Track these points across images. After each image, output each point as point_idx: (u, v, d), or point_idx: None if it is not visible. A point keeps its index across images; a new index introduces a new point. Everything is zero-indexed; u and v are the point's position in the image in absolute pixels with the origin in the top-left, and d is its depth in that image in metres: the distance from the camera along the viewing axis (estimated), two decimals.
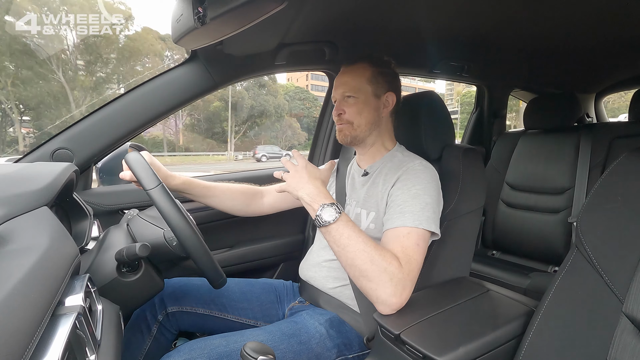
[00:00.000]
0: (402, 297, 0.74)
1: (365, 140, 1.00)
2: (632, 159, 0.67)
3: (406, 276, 0.75)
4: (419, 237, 0.81)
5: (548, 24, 1.20)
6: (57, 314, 0.45)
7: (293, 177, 0.84)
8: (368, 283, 0.74)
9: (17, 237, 0.48)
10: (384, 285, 0.73)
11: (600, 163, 1.62)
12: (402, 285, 0.74)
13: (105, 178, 1.17)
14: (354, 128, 0.97)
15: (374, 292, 0.74)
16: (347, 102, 0.96)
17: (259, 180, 1.33)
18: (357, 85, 0.96)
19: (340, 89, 0.98)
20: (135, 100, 1.12)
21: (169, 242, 0.80)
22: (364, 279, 0.74)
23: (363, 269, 0.73)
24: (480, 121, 2.24)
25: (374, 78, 0.97)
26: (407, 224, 0.81)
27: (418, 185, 0.86)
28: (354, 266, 0.75)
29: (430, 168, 0.92)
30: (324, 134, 1.62)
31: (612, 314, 0.58)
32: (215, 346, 0.76)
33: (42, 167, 0.76)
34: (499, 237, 1.87)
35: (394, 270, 0.73)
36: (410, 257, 0.77)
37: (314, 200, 0.79)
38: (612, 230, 0.63)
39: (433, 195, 0.86)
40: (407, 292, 0.76)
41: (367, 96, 0.96)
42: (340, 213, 0.77)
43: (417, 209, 0.83)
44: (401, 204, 0.85)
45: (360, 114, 0.96)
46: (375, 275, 0.73)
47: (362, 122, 0.96)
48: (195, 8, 0.78)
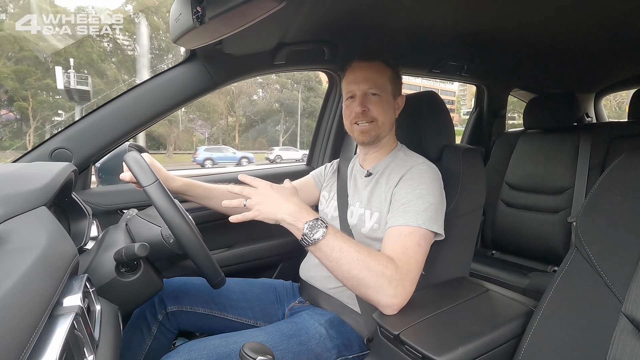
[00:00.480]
0: (402, 297, 0.74)
1: (382, 141, 1.00)
2: (632, 158, 0.67)
3: (404, 276, 0.74)
4: (420, 237, 0.80)
5: (547, 24, 1.20)
6: (55, 314, 0.45)
7: (265, 203, 0.75)
8: (367, 290, 0.73)
9: (15, 236, 0.48)
10: (383, 289, 0.72)
11: (599, 163, 1.62)
12: (401, 286, 0.74)
13: (104, 178, 1.17)
14: (379, 126, 0.95)
15: (375, 297, 0.73)
16: (371, 99, 0.94)
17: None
18: (383, 84, 0.94)
19: (364, 84, 0.94)
20: (134, 99, 1.12)
21: (166, 239, 0.80)
22: (362, 287, 0.73)
23: (360, 277, 0.72)
24: (480, 121, 2.24)
25: (393, 79, 0.97)
26: (410, 223, 0.81)
27: (422, 185, 0.86)
28: (351, 277, 0.73)
29: (434, 168, 0.92)
30: (323, 133, 1.62)
31: (611, 314, 0.58)
32: (215, 346, 0.76)
33: (40, 166, 0.76)
34: (499, 237, 1.87)
35: (391, 273, 0.73)
36: (410, 257, 0.77)
37: (297, 219, 0.73)
38: (612, 230, 0.63)
39: (436, 196, 0.86)
40: (408, 292, 0.75)
41: (389, 96, 0.96)
42: (327, 227, 0.74)
43: (421, 209, 0.82)
44: (405, 203, 0.84)
45: (385, 112, 0.95)
46: (373, 281, 0.72)
47: (386, 121, 0.95)
48: (194, 7, 0.78)
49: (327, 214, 1.06)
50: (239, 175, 0.85)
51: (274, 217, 0.74)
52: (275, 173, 1.52)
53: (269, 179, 1.24)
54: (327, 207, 1.08)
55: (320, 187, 1.18)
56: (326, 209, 1.08)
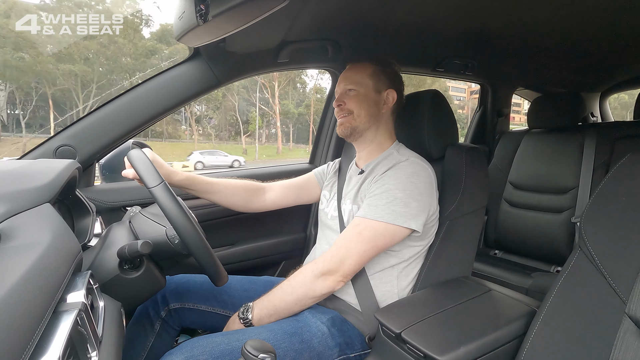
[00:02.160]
0: (328, 280, 0.86)
1: (364, 135, 1.01)
2: (637, 159, 0.67)
3: (328, 262, 0.86)
4: (366, 227, 0.86)
5: (553, 22, 1.19)
6: (58, 310, 0.45)
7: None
8: (307, 300, 0.88)
9: (20, 233, 0.48)
10: (314, 286, 0.86)
11: (604, 163, 1.61)
12: (328, 271, 0.85)
13: (108, 175, 1.18)
14: (354, 118, 0.98)
15: (312, 298, 0.88)
16: (348, 94, 1.00)
17: (261, 177, 1.33)
18: (359, 79, 0.99)
19: (342, 83, 1.01)
20: (138, 97, 1.13)
21: (170, 239, 0.81)
22: (303, 301, 0.88)
23: (299, 299, 0.87)
24: (484, 120, 2.23)
25: (375, 74, 1.00)
26: (359, 214, 0.89)
27: (394, 181, 0.88)
28: (295, 306, 0.88)
29: (419, 164, 0.92)
30: (326, 133, 1.62)
31: (615, 315, 0.58)
32: (217, 344, 0.76)
33: (45, 163, 0.76)
34: (502, 237, 1.87)
35: (308, 274, 0.87)
36: (346, 245, 0.86)
37: (234, 322, 0.90)
38: (616, 230, 0.63)
39: (408, 190, 0.87)
40: (336, 277, 0.86)
41: (368, 90, 0.99)
42: (249, 310, 0.89)
43: (382, 203, 0.86)
44: (371, 196, 0.90)
45: (360, 104, 0.98)
46: (303, 291, 0.87)
47: (361, 112, 0.98)
48: (198, 5, 0.78)
49: (328, 214, 1.06)
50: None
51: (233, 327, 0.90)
52: (277, 172, 1.52)
53: (271, 178, 1.25)
54: (327, 207, 1.08)
55: (322, 185, 1.18)
56: (327, 208, 1.08)
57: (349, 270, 0.86)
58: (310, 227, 1.52)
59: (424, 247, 0.95)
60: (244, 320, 0.88)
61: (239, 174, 1.43)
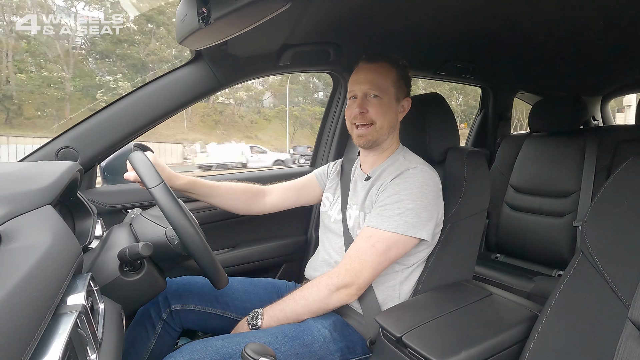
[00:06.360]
0: (343, 293, 0.85)
1: (382, 145, 0.99)
2: (639, 163, 0.66)
3: (343, 276, 0.85)
4: (379, 239, 0.85)
5: (554, 26, 1.19)
6: (58, 312, 0.45)
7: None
8: (320, 312, 0.88)
9: (20, 235, 0.48)
10: (328, 301, 0.86)
11: (606, 166, 1.60)
12: (343, 285, 0.85)
13: (109, 177, 1.18)
14: (376, 130, 0.94)
15: (325, 310, 0.88)
16: (371, 101, 0.93)
17: (262, 180, 1.33)
18: (384, 86, 0.93)
19: (365, 85, 0.93)
20: (140, 100, 1.13)
21: (170, 240, 0.81)
22: (315, 313, 0.88)
23: (311, 312, 0.88)
24: (485, 123, 2.23)
25: (398, 81, 0.96)
26: (373, 225, 0.87)
27: (405, 191, 0.87)
28: (305, 316, 0.88)
29: (427, 172, 0.91)
30: (327, 134, 1.62)
31: (617, 320, 0.58)
32: (217, 347, 0.76)
33: (46, 165, 0.76)
34: (503, 240, 1.86)
35: (323, 288, 0.86)
36: (360, 258, 0.85)
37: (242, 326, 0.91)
38: (618, 234, 0.62)
39: (420, 201, 0.86)
40: (360, 286, 0.85)
41: (391, 98, 0.95)
42: (258, 316, 0.89)
43: (395, 214, 0.85)
44: (381, 206, 0.88)
45: (384, 115, 0.93)
46: (317, 306, 0.87)
47: (384, 124, 0.94)
48: (200, 8, 0.78)
49: (331, 217, 1.06)
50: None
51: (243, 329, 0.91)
52: (277, 174, 1.52)
53: (272, 181, 1.25)
54: (330, 210, 1.08)
55: (323, 186, 1.17)
56: (330, 211, 1.08)
57: (364, 282, 0.86)
58: (311, 230, 1.52)
59: (428, 252, 0.95)
60: (253, 326, 0.88)
61: (240, 177, 1.43)
